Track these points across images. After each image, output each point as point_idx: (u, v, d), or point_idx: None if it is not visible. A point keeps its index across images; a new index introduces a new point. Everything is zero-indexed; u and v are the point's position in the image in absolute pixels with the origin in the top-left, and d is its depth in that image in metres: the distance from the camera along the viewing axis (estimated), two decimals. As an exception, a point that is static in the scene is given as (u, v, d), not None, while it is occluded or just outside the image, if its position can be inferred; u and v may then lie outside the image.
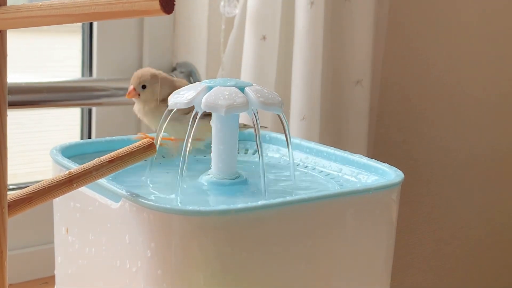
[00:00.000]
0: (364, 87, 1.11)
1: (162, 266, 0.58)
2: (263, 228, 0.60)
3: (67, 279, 0.72)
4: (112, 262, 0.63)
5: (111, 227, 0.63)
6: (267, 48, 1.06)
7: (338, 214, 0.64)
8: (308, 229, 0.62)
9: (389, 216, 0.68)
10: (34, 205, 0.54)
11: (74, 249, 0.69)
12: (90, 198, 0.65)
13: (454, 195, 1.42)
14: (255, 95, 0.67)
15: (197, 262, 0.58)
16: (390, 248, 0.70)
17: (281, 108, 0.69)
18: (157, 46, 1.18)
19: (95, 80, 1.12)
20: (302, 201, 0.62)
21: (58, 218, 0.73)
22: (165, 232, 0.57)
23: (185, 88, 0.70)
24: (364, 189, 0.66)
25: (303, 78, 1.03)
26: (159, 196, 0.68)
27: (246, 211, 0.58)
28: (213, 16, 1.14)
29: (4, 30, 0.48)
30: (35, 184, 0.55)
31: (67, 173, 0.56)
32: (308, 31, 1.02)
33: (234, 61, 1.10)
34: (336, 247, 0.65)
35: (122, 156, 0.59)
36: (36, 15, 0.46)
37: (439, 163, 1.39)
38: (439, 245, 1.44)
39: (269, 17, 1.05)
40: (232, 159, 0.72)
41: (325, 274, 0.65)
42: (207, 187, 0.71)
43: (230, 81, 0.69)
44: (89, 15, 0.44)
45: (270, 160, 0.83)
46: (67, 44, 1.21)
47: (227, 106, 0.65)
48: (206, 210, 0.57)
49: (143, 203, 0.58)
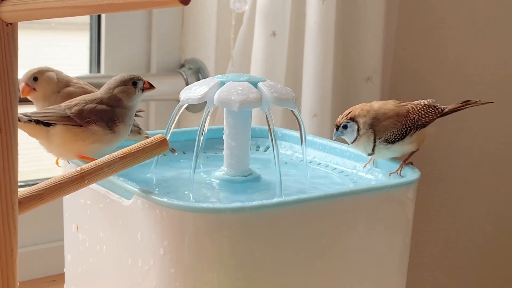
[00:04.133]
0: (374, 83, 1.10)
1: (175, 264, 0.57)
2: (277, 225, 0.59)
3: (77, 277, 0.71)
4: (124, 260, 0.62)
5: (122, 225, 0.62)
6: (277, 44, 1.04)
7: (353, 212, 0.63)
8: (323, 227, 0.61)
9: (405, 214, 0.67)
10: (45, 202, 0.53)
11: (85, 246, 0.68)
12: (101, 195, 0.64)
13: (464, 194, 1.41)
14: (269, 90, 0.66)
15: (211, 260, 0.56)
16: (405, 247, 0.68)
17: (294, 104, 0.68)
18: (165, 42, 1.17)
19: (103, 77, 1.11)
20: (317, 199, 0.60)
21: (68, 215, 0.72)
22: (178, 230, 0.56)
23: (197, 83, 0.69)
24: (380, 187, 0.65)
25: (315, 75, 1.02)
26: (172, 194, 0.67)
27: (261, 209, 0.57)
28: (222, 12, 1.13)
29: (15, 22, 0.47)
30: (44, 181, 0.54)
31: (78, 170, 0.55)
32: (319, 27, 1.01)
33: (244, 57, 1.09)
34: (351, 246, 0.64)
35: (134, 152, 0.58)
36: (48, 7, 0.45)
37: (448, 162, 1.37)
38: (448, 244, 1.43)
39: (279, 13, 1.04)
40: (244, 156, 0.71)
41: (339, 272, 0.64)
42: (220, 184, 0.69)
43: (243, 76, 0.68)
44: (103, 6, 0.43)
45: (283, 157, 0.82)
46: (75, 40, 1.20)
47: (240, 102, 0.64)
48: (220, 207, 0.56)
49: (156, 200, 0.57)
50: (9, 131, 0.48)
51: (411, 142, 0.68)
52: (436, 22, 1.30)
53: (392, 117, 0.68)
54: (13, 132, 0.48)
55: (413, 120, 0.67)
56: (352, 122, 0.69)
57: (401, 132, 0.67)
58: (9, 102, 0.48)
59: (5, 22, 0.47)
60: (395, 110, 0.68)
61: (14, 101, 0.48)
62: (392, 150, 0.68)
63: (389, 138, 0.67)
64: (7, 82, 0.47)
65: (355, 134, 0.69)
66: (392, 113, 0.68)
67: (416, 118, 0.68)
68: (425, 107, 0.69)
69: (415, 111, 0.68)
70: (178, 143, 0.79)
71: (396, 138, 0.67)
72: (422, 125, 0.68)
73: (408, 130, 0.68)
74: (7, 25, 0.47)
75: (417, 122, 0.68)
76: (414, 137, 0.68)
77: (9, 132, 0.48)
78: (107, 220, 0.64)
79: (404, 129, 0.67)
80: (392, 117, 0.68)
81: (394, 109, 0.69)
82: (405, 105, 0.69)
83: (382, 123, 0.67)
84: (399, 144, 0.67)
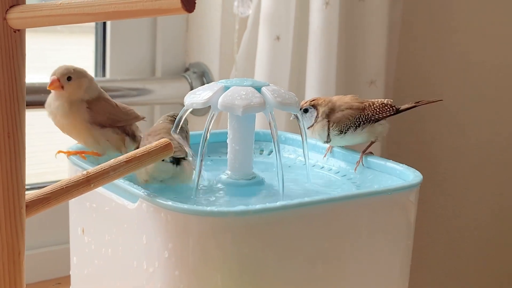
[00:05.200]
0: (378, 87, 1.11)
1: (180, 266, 0.58)
2: (281, 229, 0.59)
3: (83, 279, 0.72)
4: (129, 262, 0.63)
5: (128, 228, 0.63)
6: (280, 49, 1.05)
7: (356, 215, 0.64)
8: (325, 230, 0.62)
9: (407, 218, 0.68)
10: (52, 205, 0.54)
11: (90, 249, 0.69)
12: (107, 198, 0.65)
13: (467, 196, 1.41)
14: (272, 95, 0.67)
15: (215, 263, 0.57)
16: (407, 250, 0.69)
17: (297, 108, 0.69)
18: (170, 46, 1.18)
19: (108, 81, 1.11)
20: (320, 202, 0.61)
21: (74, 218, 0.73)
22: (182, 233, 0.57)
23: (202, 88, 0.69)
24: (382, 191, 0.65)
25: (318, 79, 1.03)
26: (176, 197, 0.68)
27: (264, 212, 0.57)
28: (226, 16, 1.13)
29: (23, 29, 0.48)
30: (49, 185, 0.54)
31: (84, 173, 0.55)
32: (323, 31, 1.02)
33: (248, 62, 1.10)
34: (353, 249, 0.64)
35: (139, 156, 0.59)
36: (56, 14, 0.46)
37: (452, 164, 1.38)
38: (451, 246, 1.43)
39: (283, 18, 1.05)
40: (248, 160, 0.71)
41: (341, 275, 0.64)
42: (224, 187, 0.70)
43: (247, 81, 0.69)
44: (108, 13, 0.44)
45: (286, 161, 0.82)
46: (80, 44, 1.21)
47: (244, 106, 0.65)
48: (224, 211, 0.57)
49: (161, 203, 0.58)
50: (17, 136, 0.49)
51: (362, 133, 0.76)
52: (439, 25, 1.31)
53: (346, 110, 0.75)
54: (20, 137, 0.49)
55: (367, 115, 0.76)
56: (312, 109, 0.76)
57: (354, 124, 0.75)
58: (17, 107, 0.49)
59: (13, 28, 0.47)
60: (350, 103, 0.76)
61: (22, 106, 0.49)
62: (344, 139, 0.76)
63: (341, 129, 0.75)
64: (15, 88, 0.48)
65: (313, 120, 0.76)
66: (346, 106, 0.76)
67: (370, 114, 0.76)
68: (381, 105, 0.77)
69: (371, 108, 0.76)
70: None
71: (347, 129, 0.75)
72: (375, 120, 0.76)
73: (362, 123, 0.75)
74: (14, 32, 0.48)
75: (370, 117, 0.76)
76: (366, 130, 0.76)
77: (16, 137, 0.49)
78: (113, 223, 0.65)
79: (357, 122, 0.75)
80: (346, 109, 0.76)
81: (349, 102, 0.77)
82: (363, 102, 0.77)
83: (335, 114, 0.75)
84: (351, 134, 0.75)
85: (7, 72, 0.47)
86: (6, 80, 0.47)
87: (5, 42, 0.47)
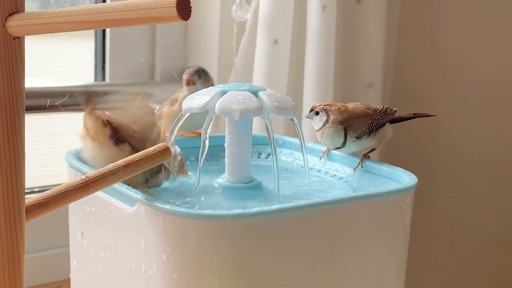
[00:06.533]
0: (376, 90, 1.11)
1: (178, 269, 0.58)
2: (278, 232, 0.60)
3: (82, 282, 0.73)
4: (128, 265, 0.63)
5: (126, 231, 0.63)
6: (279, 52, 1.06)
7: (352, 218, 0.64)
8: (322, 233, 0.62)
9: (403, 220, 0.68)
10: (51, 209, 0.54)
11: (90, 253, 0.70)
12: (106, 202, 0.65)
13: (467, 197, 1.42)
14: (269, 99, 0.68)
15: (213, 266, 0.58)
16: (404, 252, 0.70)
17: (294, 112, 0.69)
18: (169, 51, 1.18)
19: (108, 85, 1.12)
20: (316, 205, 0.62)
21: (74, 222, 0.73)
22: (180, 236, 0.58)
23: (199, 93, 0.70)
24: (377, 193, 0.66)
25: (316, 82, 1.03)
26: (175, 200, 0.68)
27: (261, 215, 0.58)
28: (225, 20, 1.14)
29: (22, 36, 0.49)
30: (49, 188, 0.55)
31: (83, 178, 0.56)
32: (321, 35, 1.02)
33: (246, 66, 1.10)
34: (350, 251, 0.65)
35: (137, 161, 0.60)
36: (54, 22, 0.47)
37: (451, 165, 1.38)
38: (451, 247, 1.43)
39: (281, 22, 1.05)
40: (245, 163, 0.72)
41: (338, 277, 0.65)
42: (221, 191, 0.71)
43: (244, 86, 0.70)
44: (106, 21, 0.45)
45: (283, 164, 0.83)
46: (80, 48, 1.22)
47: (241, 111, 0.66)
48: (221, 214, 0.57)
49: (159, 207, 0.58)
50: (17, 141, 0.49)
51: (374, 138, 0.78)
52: (437, 29, 1.31)
53: (362, 117, 0.78)
54: (20, 141, 0.50)
55: (377, 120, 0.78)
56: (323, 113, 0.78)
57: (368, 130, 0.77)
58: (16, 113, 0.49)
59: (13, 36, 0.48)
60: (364, 111, 0.79)
61: (21, 112, 0.50)
62: (359, 144, 0.78)
63: (358, 135, 0.77)
64: (15, 94, 0.49)
65: (321, 124, 0.77)
66: (362, 113, 0.78)
67: (379, 119, 0.79)
68: (383, 110, 0.80)
69: (377, 113, 0.79)
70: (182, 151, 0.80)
71: (362, 134, 0.77)
72: (382, 125, 0.79)
73: (374, 128, 0.78)
74: (14, 39, 0.48)
75: (379, 122, 0.79)
76: (377, 135, 0.78)
77: (16, 142, 0.49)
78: (112, 227, 0.65)
79: (371, 127, 0.77)
80: (362, 116, 0.78)
81: (364, 110, 0.79)
82: (371, 108, 0.80)
83: (354, 121, 0.77)
84: (365, 139, 0.78)
85: (7, 79, 0.48)
86: (5, 87, 0.48)
87: (5, 49, 0.48)
